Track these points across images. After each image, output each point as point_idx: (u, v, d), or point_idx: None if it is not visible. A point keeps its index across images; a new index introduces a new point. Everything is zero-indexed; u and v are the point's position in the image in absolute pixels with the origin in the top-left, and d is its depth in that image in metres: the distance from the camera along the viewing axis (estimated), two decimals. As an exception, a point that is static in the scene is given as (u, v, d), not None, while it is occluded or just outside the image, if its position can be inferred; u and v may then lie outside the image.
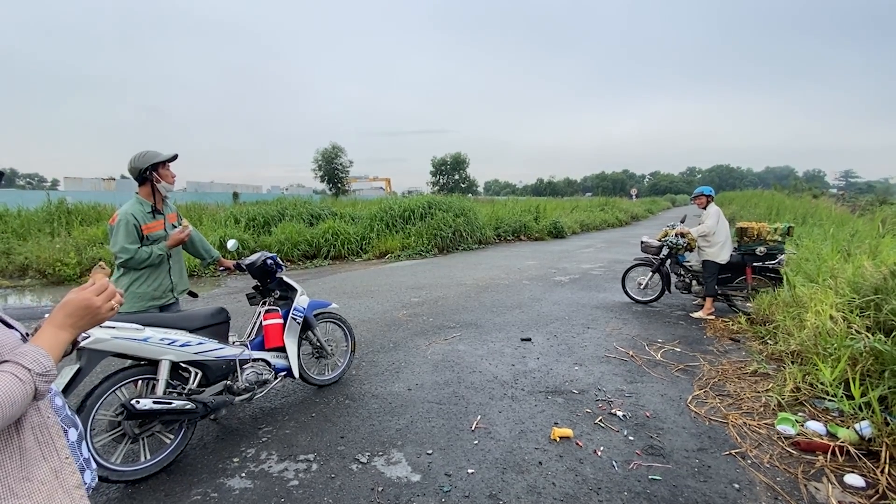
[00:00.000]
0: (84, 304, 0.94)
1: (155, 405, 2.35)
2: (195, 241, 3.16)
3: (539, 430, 2.90)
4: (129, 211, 2.72)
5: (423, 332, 4.99)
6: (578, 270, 9.12)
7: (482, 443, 2.75)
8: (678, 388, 3.52)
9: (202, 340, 2.65)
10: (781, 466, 2.51)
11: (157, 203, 2.85)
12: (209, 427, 2.98)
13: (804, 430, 2.81)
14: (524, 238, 15.65)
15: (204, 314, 2.77)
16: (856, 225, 7.62)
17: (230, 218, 12.01)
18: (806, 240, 7.62)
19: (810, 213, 14.48)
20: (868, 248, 5.57)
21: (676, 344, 4.55)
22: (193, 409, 2.50)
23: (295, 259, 10.76)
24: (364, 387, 3.58)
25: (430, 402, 3.30)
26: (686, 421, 3.02)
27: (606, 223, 21.77)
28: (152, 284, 2.85)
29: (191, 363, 2.61)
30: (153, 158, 2.78)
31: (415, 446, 2.71)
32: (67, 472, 0.90)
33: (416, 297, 6.71)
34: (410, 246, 11.88)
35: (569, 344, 4.58)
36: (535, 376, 3.77)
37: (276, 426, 2.98)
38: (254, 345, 3.03)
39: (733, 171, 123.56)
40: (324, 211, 13.40)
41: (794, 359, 3.75)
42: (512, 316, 5.66)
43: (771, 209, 17.19)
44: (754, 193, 26.92)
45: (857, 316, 3.61)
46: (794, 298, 4.55)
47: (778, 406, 3.15)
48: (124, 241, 2.65)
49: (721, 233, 5.49)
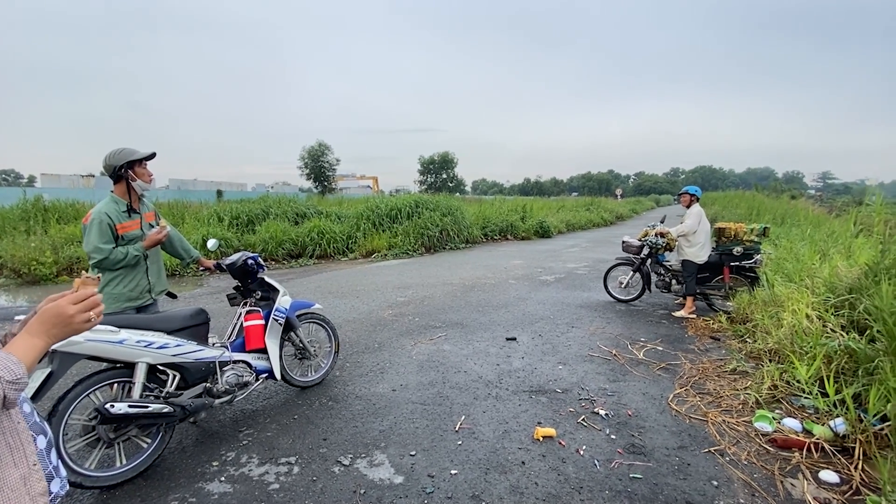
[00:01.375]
0: (55, 312, 0.92)
1: (130, 409, 2.30)
2: (174, 241, 3.09)
3: (522, 429, 2.90)
4: (103, 210, 2.64)
5: (408, 332, 4.97)
6: (564, 270, 9.19)
7: (466, 443, 2.75)
8: (660, 387, 3.57)
9: (180, 342, 2.59)
10: (759, 463, 2.55)
11: (133, 202, 2.77)
12: (188, 430, 2.92)
13: (781, 428, 2.87)
14: (511, 237, 15.71)
15: (182, 315, 2.71)
16: (832, 226, 7.82)
17: (213, 216, 11.80)
18: (784, 240, 7.80)
19: (789, 214, 14.82)
20: (843, 249, 5.72)
21: (659, 343, 4.61)
22: (171, 413, 2.44)
23: (279, 258, 10.63)
24: (348, 388, 3.55)
25: (415, 402, 3.29)
26: (667, 419, 3.06)
27: (592, 223, 21.98)
28: (129, 285, 2.78)
29: (169, 365, 2.56)
30: (129, 156, 2.70)
31: (398, 448, 2.70)
32: (34, 480, 0.88)
33: (402, 297, 6.69)
34: (397, 245, 11.83)
35: (553, 343, 4.61)
36: (520, 376, 3.78)
37: (257, 428, 2.93)
38: (234, 346, 2.98)
39: (716, 172, 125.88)
40: (309, 209, 13.26)
41: (772, 357, 3.83)
42: (498, 315, 5.67)
43: (752, 209, 17.54)
44: (736, 194, 27.44)
45: (833, 315, 3.71)
46: (773, 298, 4.65)
47: (756, 404, 3.22)
48: (98, 241, 2.58)
49: (701, 233, 5.59)
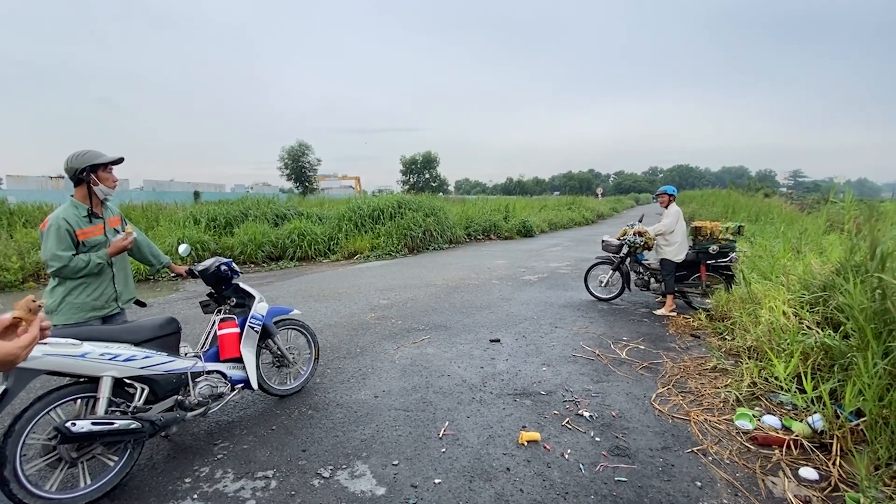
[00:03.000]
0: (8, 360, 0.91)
1: (94, 427, 2.17)
2: (141, 247, 2.95)
3: (507, 434, 2.86)
4: (62, 215, 2.49)
5: (391, 336, 4.89)
6: (547, 269, 9.23)
7: (450, 450, 2.69)
8: (643, 387, 3.58)
9: (149, 354, 2.47)
10: (741, 462, 2.57)
11: (95, 206, 2.62)
12: (159, 445, 2.79)
13: (761, 425, 2.90)
14: (494, 237, 15.73)
15: (151, 325, 2.58)
16: (805, 223, 8.03)
17: (189, 218, 11.48)
18: (759, 237, 7.99)
19: (763, 212, 15.25)
20: (814, 246, 5.88)
21: (641, 342, 4.64)
22: (139, 429, 2.32)
23: (259, 261, 10.40)
24: (328, 395, 3.45)
25: (398, 409, 3.22)
26: (650, 419, 3.06)
27: (574, 222, 22.22)
28: (93, 294, 2.63)
29: (136, 378, 2.43)
30: (93, 159, 2.56)
31: (380, 457, 2.62)
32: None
33: (384, 299, 6.59)
34: (380, 246, 11.71)
35: (537, 344, 4.60)
36: (504, 378, 3.74)
37: (232, 441, 2.82)
38: (208, 356, 2.85)
39: (693, 171, 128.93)
40: (289, 210, 13.03)
41: (751, 354, 3.88)
42: (481, 316, 5.64)
43: (727, 207, 17.99)
44: (712, 192, 28.15)
45: (808, 312, 3.78)
46: (750, 295, 4.73)
47: (736, 401, 3.25)
48: (56, 248, 2.43)
49: (678, 233, 5.66)
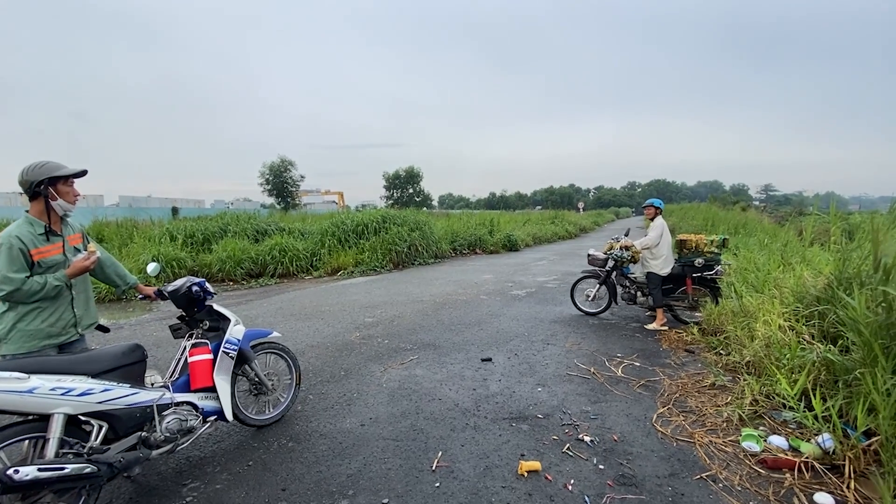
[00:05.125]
0: None
1: (41, 473, 1.90)
2: (105, 267, 2.70)
3: (505, 464, 2.67)
4: (14, 233, 2.24)
5: (377, 357, 4.66)
6: (534, 283, 9.12)
7: (444, 484, 2.48)
8: (642, 406, 3.44)
9: (109, 386, 2.21)
10: (752, 488, 2.43)
11: (53, 223, 2.38)
12: (120, 487, 2.50)
13: (768, 447, 2.78)
14: (479, 251, 15.63)
15: (112, 354, 2.33)
16: (787, 235, 8.14)
17: (165, 235, 11.05)
18: (743, 250, 8.05)
19: (741, 225, 15.54)
20: (801, 258, 5.90)
21: (635, 358, 4.52)
22: (95, 473, 2.05)
23: (238, 278, 10.04)
24: (311, 424, 3.21)
25: (386, 438, 2.99)
26: (654, 443, 2.91)
27: (557, 235, 22.32)
28: (48, 319, 2.36)
29: (93, 414, 2.17)
30: (52, 171, 2.32)
31: (368, 495, 2.40)
32: None
33: (370, 317, 6.36)
34: (364, 262, 11.45)
35: (530, 363, 4.43)
36: (498, 401, 3.56)
37: (204, 480, 2.55)
38: (177, 386, 2.60)
39: (670, 185, 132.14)
40: (270, 226, 12.69)
41: (749, 370, 3.79)
42: (471, 334, 5.45)
43: (707, 221, 18.31)
44: (691, 206, 28.81)
45: (804, 325, 3.72)
46: (742, 308, 4.67)
47: (740, 420, 3.13)
48: (6, 270, 2.17)
49: (664, 246, 5.62)
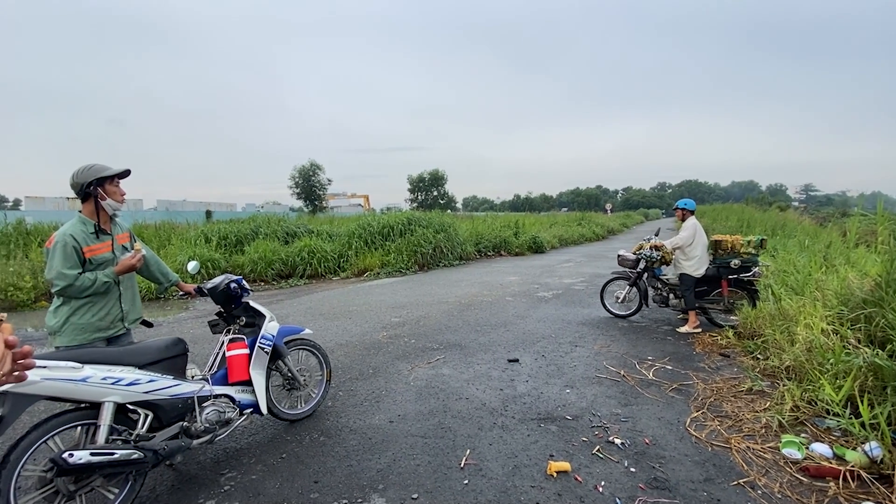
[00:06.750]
0: None
1: (93, 458, 2.02)
2: (150, 265, 2.85)
3: (534, 464, 2.66)
4: (68, 232, 2.39)
5: (404, 356, 4.71)
6: (561, 285, 9.01)
7: (473, 482, 2.49)
8: (675, 410, 3.35)
9: (154, 377, 2.33)
10: (794, 496, 2.33)
11: (102, 222, 2.53)
12: (163, 475, 2.62)
13: (811, 454, 2.66)
14: (504, 253, 15.55)
15: (157, 347, 2.45)
16: (830, 236, 7.77)
17: (200, 237, 11.49)
18: (781, 251, 7.72)
19: (779, 226, 14.90)
20: (846, 260, 5.63)
21: (667, 361, 4.41)
22: (142, 459, 2.17)
23: (269, 279, 10.33)
24: (341, 420, 3.27)
25: (414, 435, 3.03)
26: (688, 447, 2.83)
27: (584, 237, 21.96)
28: (98, 314, 2.51)
29: (140, 404, 2.29)
30: (99, 172, 2.48)
31: (398, 490, 2.43)
32: None
33: (396, 317, 6.43)
34: (390, 263, 11.59)
35: (558, 364, 4.38)
36: (526, 401, 3.54)
37: (241, 471, 2.65)
38: (215, 379, 2.71)
39: (702, 186, 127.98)
40: (300, 228, 13.00)
41: (789, 375, 3.64)
42: (497, 335, 5.44)
43: (742, 222, 17.64)
44: (725, 207, 27.77)
45: (848, 329, 3.55)
46: (780, 311, 4.49)
47: (779, 427, 3.01)
48: (61, 266, 2.32)
49: (698, 246, 5.43)
